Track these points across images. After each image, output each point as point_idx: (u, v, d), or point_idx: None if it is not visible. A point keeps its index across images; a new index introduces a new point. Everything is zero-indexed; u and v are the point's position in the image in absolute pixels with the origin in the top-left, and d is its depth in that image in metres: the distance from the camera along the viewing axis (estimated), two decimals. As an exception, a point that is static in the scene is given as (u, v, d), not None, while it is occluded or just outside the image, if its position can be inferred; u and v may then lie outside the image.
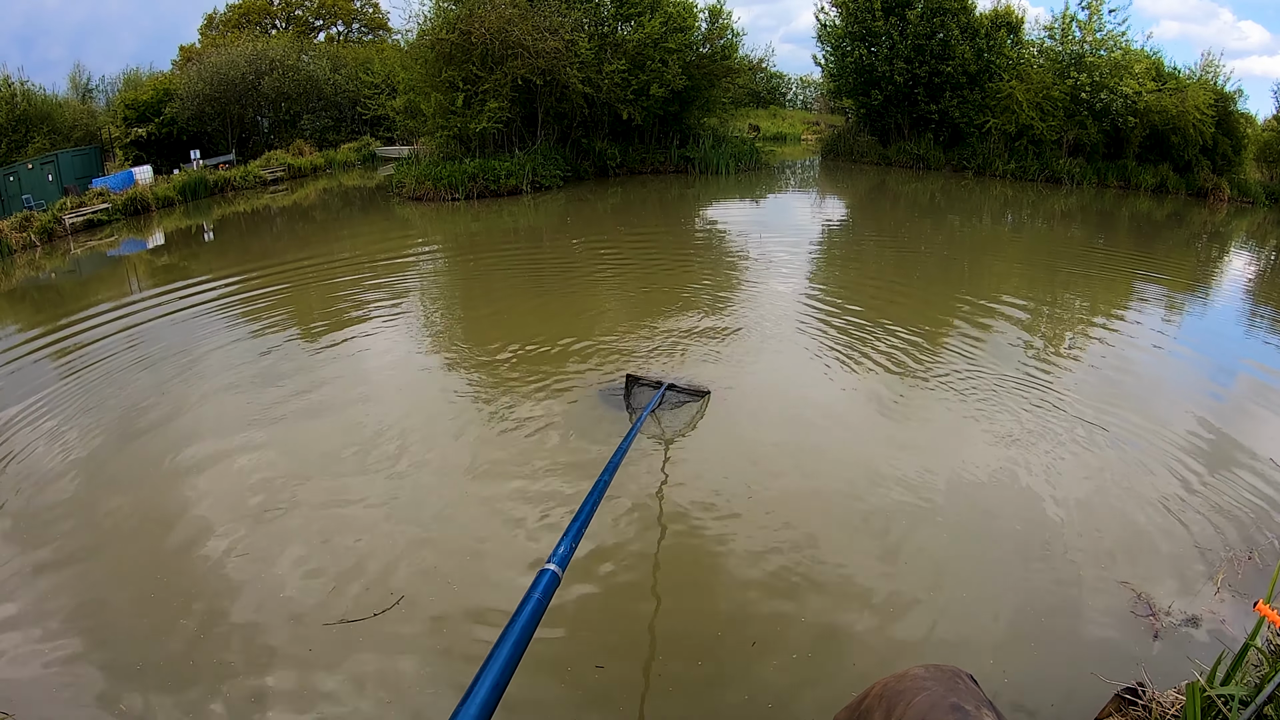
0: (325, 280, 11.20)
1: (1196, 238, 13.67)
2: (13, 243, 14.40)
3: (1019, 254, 12.41)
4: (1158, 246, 12.39)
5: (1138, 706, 2.34)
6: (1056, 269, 11.04)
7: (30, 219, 15.44)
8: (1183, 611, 3.73)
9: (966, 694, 1.33)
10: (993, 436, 5.63)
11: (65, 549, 4.51)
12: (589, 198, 19.07)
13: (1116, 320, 8.38)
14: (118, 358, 7.75)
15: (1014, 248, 12.99)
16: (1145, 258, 11.47)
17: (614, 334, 8.06)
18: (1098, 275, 10.57)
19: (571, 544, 1.85)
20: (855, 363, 7.13)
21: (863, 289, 9.84)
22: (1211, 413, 5.96)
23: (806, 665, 3.49)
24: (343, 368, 7.32)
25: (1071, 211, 16.43)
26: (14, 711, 3.22)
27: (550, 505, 4.83)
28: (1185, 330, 8.11)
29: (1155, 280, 10.26)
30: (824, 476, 5.14)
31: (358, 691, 3.38)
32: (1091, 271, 10.81)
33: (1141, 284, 10.06)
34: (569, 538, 1.90)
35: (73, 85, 28.91)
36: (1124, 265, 11.07)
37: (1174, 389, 6.48)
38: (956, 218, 15.77)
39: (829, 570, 4.13)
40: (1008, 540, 4.37)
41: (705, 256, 12.58)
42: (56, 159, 20.31)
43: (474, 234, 15.24)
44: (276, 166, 24.00)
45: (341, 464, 5.35)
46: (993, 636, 3.62)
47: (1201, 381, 6.65)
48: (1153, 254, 11.74)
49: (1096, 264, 11.22)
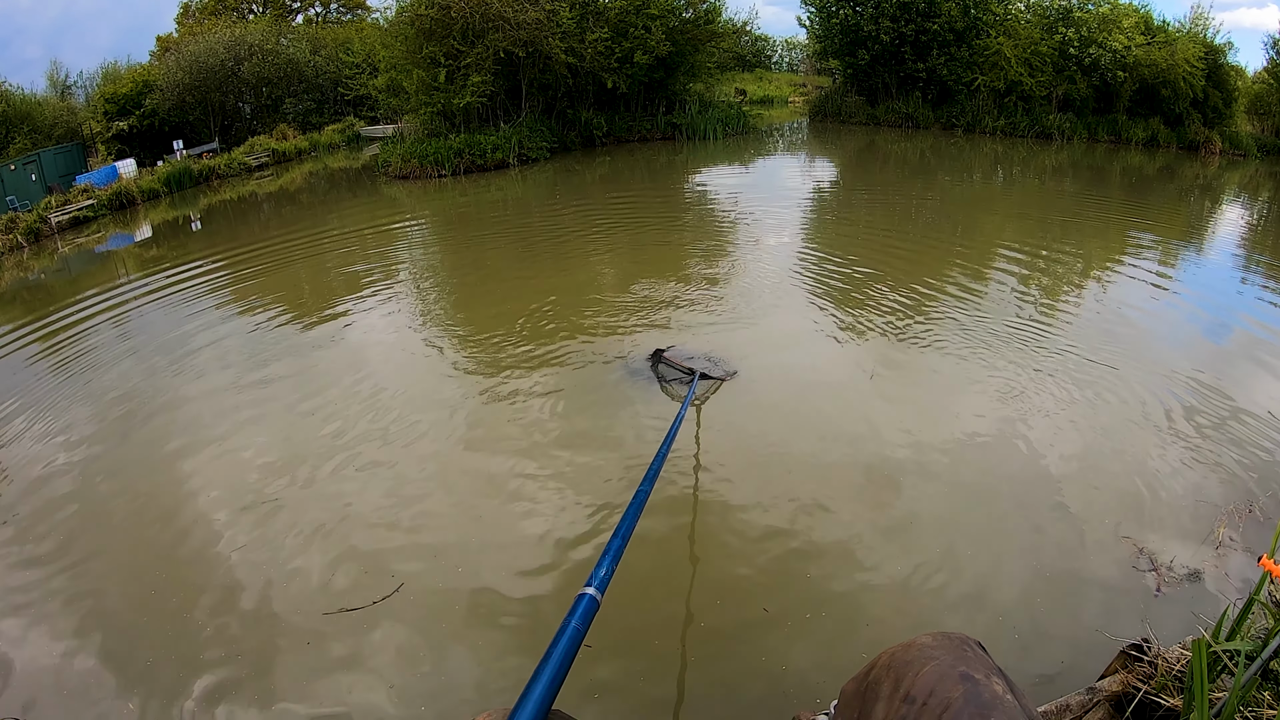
0: (315, 262, 11.11)
1: (1189, 191, 13.64)
2: (-1, 245, 14.16)
3: (1011, 210, 12.36)
4: (1150, 200, 12.35)
5: (1143, 662, 2.31)
6: (1049, 224, 10.99)
7: (15, 220, 15.22)
8: (1184, 566, 3.73)
9: (975, 662, 1.29)
10: (991, 392, 5.61)
11: (66, 546, 4.45)
12: (577, 168, 18.92)
13: (1111, 274, 8.35)
14: (110, 350, 7.70)
15: (1006, 204, 12.95)
16: (1138, 211, 11.43)
17: (607, 303, 8.02)
18: (1091, 229, 10.52)
19: (611, 565, 1.68)
20: (853, 322, 7.11)
21: (856, 248, 9.80)
22: (1207, 366, 5.94)
23: (817, 628, 3.47)
24: (337, 349, 7.25)
25: (1062, 167, 16.36)
26: (24, 715, 3.15)
27: (553, 481, 4.79)
28: (1180, 283, 8.07)
29: (1149, 234, 10.22)
30: (825, 438, 5.10)
31: (358, 683, 3.34)
32: (1085, 226, 10.76)
33: (1135, 238, 10.01)
34: (609, 558, 1.75)
35: (51, 83, 28.63)
36: (1117, 219, 11.03)
37: (1170, 342, 6.45)
38: (947, 175, 15.68)
39: (834, 533, 4.12)
40: (1010, 498, 4.36)
41: (697, 222, 12.52)
42: (39, 158, 20.07)
43: (462, 209, 15.12)
44: (261, 152, 23.67)
45: (338, 448, 5.29)
46: (999, 595, 3.61)
47: (1197, 335, 6.61)
48: (1145, 207, 11.70)
49: (1090, 218, 11.18)
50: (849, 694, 1.52)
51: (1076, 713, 2.35)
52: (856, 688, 1.50)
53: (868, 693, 1.42)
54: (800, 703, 3.03)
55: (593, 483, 4.73)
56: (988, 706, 1.21)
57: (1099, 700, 2.35)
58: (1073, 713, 2.35)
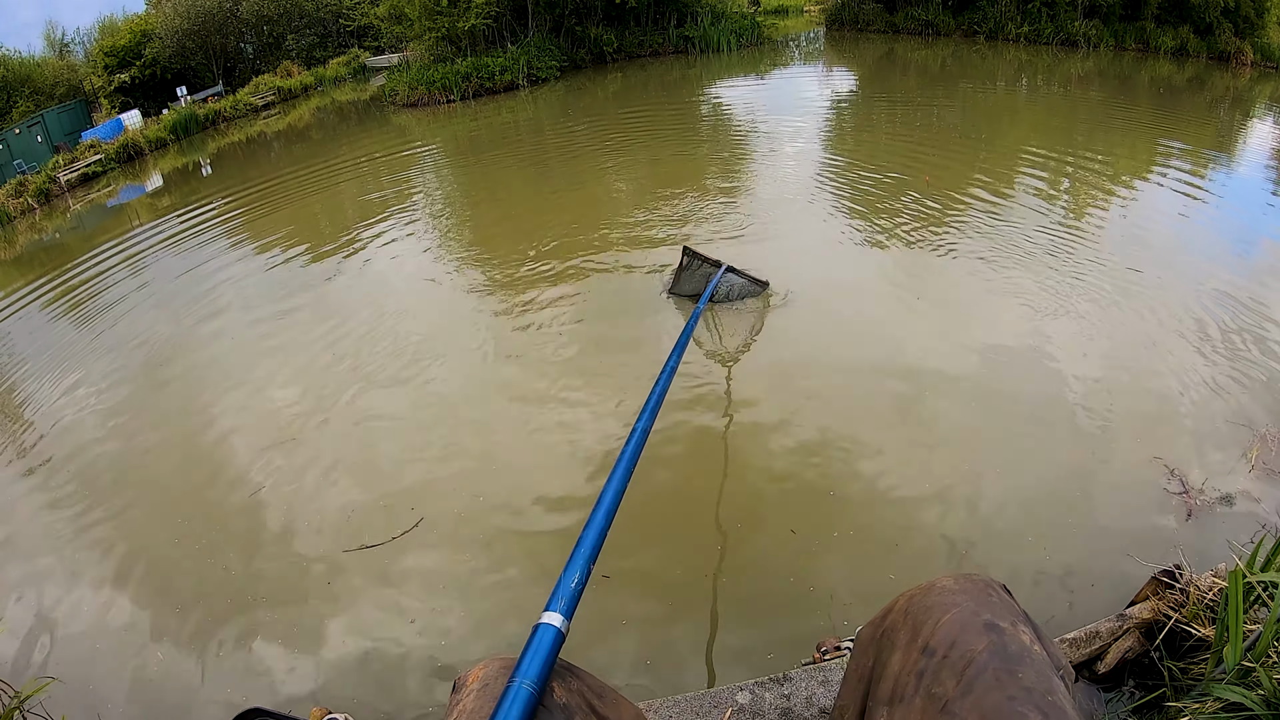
0: (328, 196, 10.85)
1: (1219, 102, 12.83)
2: (11, 210, 14.07)
3: (1036, 118, 11.69)
4: (1179, 110, 11.62)
5: (1175, 589, 2.09)
6: (1075, 133, 10.35)
7: (25, 184, 15.12)
8: (1216, 490, 3.41)
9: (1000, 608, 1.11)
10: (1019, 307, 5.20)
11: (95, 491, 4.40)
12: (588, 86, 18.22)
13: (1139, 187, 7.77)
14: (130, 298, 7.59)
15: (1031, 112, 12.26)
16: (1166, 122, 10.75)
17: (625, 219, 7.64)
18: (1118, 140, 9.88)
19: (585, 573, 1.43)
20: (876, 234, 6.64)
21: (876, 159, 9.26)
22: (1240, 282, 5.46)
23: (843, 550, 3.27)
24: (355, 281, 7.03)
25: (1089, 75, 15.45)
26: (61, 659, 3.12)
27: (576, 402, 4.55)
28: (1210, 195, 7.47)
29: (1178, 144, 9.58)
30: (850, 357, 4.77)
31: (379, 619, 3.20)
32: (1112, 136, 10.11)
33: (1164, 148, 9.38)
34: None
35: (48, 43, 28.44)
36: (1144, 130, 10.35)
37: (1201, 256, 5.95)
38: (970, 84, 14.94)
39: (858, 452, 3.85)
40: (1039, 416, 4.05)
41: (713, 135, 11.96)
42: (43, 119, 19.97)
43: (473, 133, 14.64)
44: (266, 91, 23.15)
45: (358, 381, 5.10)
46: (1026, 515, 3.37)
47: (1229, 249, 6.10)
48: (1174, 118, 10.99)
49: (1116, 129, 10.51)
50: (864, 640, 1.33)
51: (1106, 640, 2.14)
52: (872, 634, 1.31)
53: (883, 639, 1.24)
54: (827, 626, 2.89)
55: (616, 402, 4.50)
56: (1015, 660, 1.02)
57: (1129, 628, 2.15)
58: (1102, 639, 2.14)
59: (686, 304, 5.63)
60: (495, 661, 1.19)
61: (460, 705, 1.11)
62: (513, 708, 1.04)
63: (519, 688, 1.07)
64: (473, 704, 1.10)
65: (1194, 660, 1.94)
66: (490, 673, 1.16)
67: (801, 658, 2.58)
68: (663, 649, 2.91)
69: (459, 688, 1.18)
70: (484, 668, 1.19)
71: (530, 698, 1.07)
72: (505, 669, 1.15)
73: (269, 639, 3.18)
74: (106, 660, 3.20)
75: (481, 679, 1.15)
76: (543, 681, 1.10)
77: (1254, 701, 1.56)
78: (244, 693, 2.95)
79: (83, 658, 3.22)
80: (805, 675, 2.18)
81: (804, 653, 2.66)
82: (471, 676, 1.18)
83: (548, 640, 1.15)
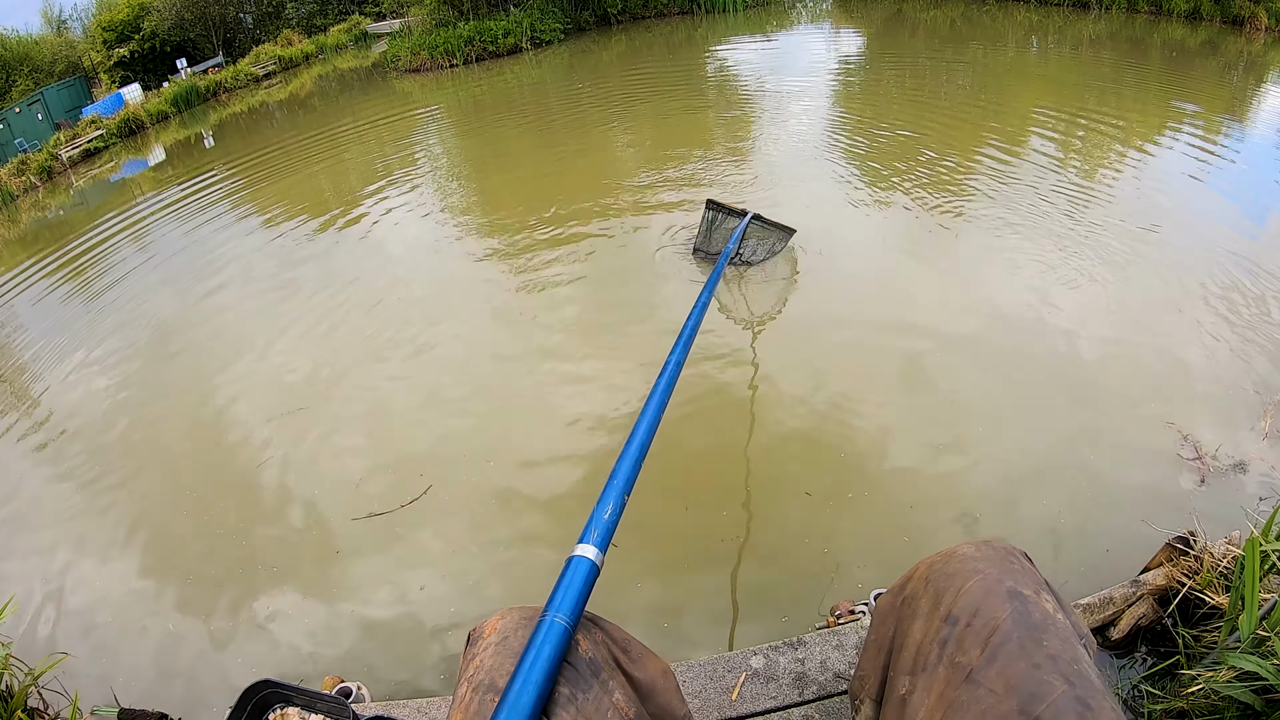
0: (331, 164, 10.77)
1: (1232, 66, 12.50)
2: (13, 188, 14.05)
3: (1048, 80, 11.46)
4: (1192, 74, 11.33)
5: (1189, 556, 2.06)
6: (1086, 95, 10.11)
7: (27, 162, 15.08)
8: (1230, 456, 3.34)
9: (1023, 576, 1.11)
10: (1032, 267, 5.11)
11: (105, 463, 4.44)
12: (593, 48, 17.95)
13: (1152, 149, 7.57)
14: (136, 271, 7.62)
15: (1042, 73, 12.02)
16: (1179, 86, 10.47)
17: (633, 181, 7.54)
18: (1130, 102, 9.64)
19: (619, 504, 1.37)
20: (887, 193, 6.51)
21: (885, 120, 9.05)
22: (1254, 249, 5.31)
23: (858, 512, 3.25)
24: (361, 249, 7.01)
25: (1100, 37, 15.04)
26: (72, 649, 3.13)
27: (586, 364, 4.53)
28: (1223, 160, 7.27)
29: (1190, 108, 9.33)
30: (858, 319, 4.71)
31: (387, 586, 3.21)
32: (1124, 99, 9.85)
33: (1176, 112, 9.14)
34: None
35: (46, 20, 28.29)
36: (1156, 93, 10.11)
37: (1214, 220, 5.79)
38: (980, 45, 14.65)
39: (872, 417, 3.81)
40: (1051, 379, 4.00)
41: (720, 96, 11.74)
42: (43, 96, 19.90)
43: (477, 97, 14.48)
44: (267, 61, 22.87)
45: (365, 349, 5.09)
46: (1039, 479, 3.33)
47: (1242, 216, 5.94)
48: (1186, 82, 10.71)
49: (1128, 92, 10.28)
50: (884, 609, 1.31)
51: (1120, 606, 2.11)
52: (892, 602, 1.28)
53: (904, 608, 1.21)
54: (843, 589, 2.87)
55: (626, 364, 4.48)
56: (1038, 628, 0.99)
57: (1143, 594, 2.11)
58: (1116, 606, 2.11)
59: (705, 265, 5.56)
60: (514, 612, 1.15)
61: (477, 661, 1.07)
62: (545, 644, 1.01)
63: (552, 622, 1.04)
64: (491, 659, 1.06)
65: (1207, 628, 1.92)
66: (509, 624, 1.12)
67: (815, 622, 2.57)
68: (675, 613, 2.91)
69: (474, 640, 1.13)
70: (502, 618, 1.14)
71: (565, 632, 1.04)
72: (525, 620, 1.11)
73: (279, 607, 3.20)
74: (118, 633, 3.22)
75: (500, 631, 1.11)
76: (577, 615, 1.07)
77: (1269, 671, 1.54)
78: (256, 660, 2.98)
79: (95, 631, 3.25)
80: (819, 639, 2.19)
81: (818, 616, 2.67)
82: (488, 628, 1.14)
83: (581, 573, 1.12)
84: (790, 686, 2.05)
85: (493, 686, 1.00)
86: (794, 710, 2.00)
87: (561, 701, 0.99)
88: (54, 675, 2.61)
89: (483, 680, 1.02)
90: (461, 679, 1.06)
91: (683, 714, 1.27)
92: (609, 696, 1.05)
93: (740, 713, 2.01)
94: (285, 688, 2.03)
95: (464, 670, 1.08)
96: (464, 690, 1.03)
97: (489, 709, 0.97)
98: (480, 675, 1.03)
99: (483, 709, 0.97)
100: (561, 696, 1.00)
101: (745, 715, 2.01)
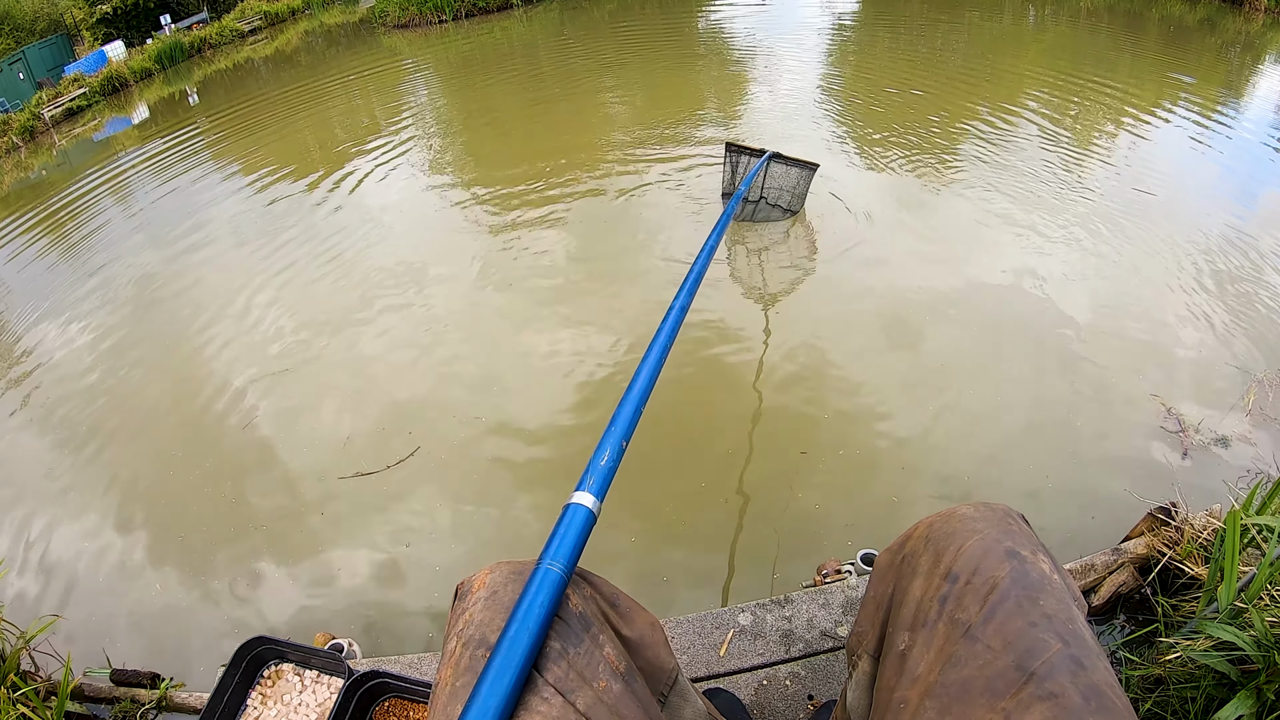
0: (318, 122, 10.63)
1: (1230, 45, 12.37)
2: (-5, 148, 13.86)
3: (1043, 50, 11.29)
4: (1189, 51, 11.21)
5: (1170, 527, 2.08)
6: (1082, 68, 9.95)
7: (8, 122, 14.86)
8: (1212, 430, 3.37)
9: (1021, 537, 1.12)
10: (1017, 237, 5.11)
11: (88, 425, 4.43)
12: (584, 5, 17.62)
13: (1145, 124, 7.50)
14: (119, 230, 7.57)
15: (1037, 44, 11.85)
16: (1176, 62, 10.35)
17: (625, 140, 7.48)
18: (1125, 77, 9.52)
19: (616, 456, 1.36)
20: (874, 165, 6.45)
21: (878, 88, 8.91)
22: (1245, 228, 5.30)
23: (844, 477, 3.28)
24: (348, 209, 6.92)
25: (1097, 10, 14.79)
26: (62, 611, 3.15)
27: (578, 320, 4.53)
28: (1215, 143, 7.17)
29: (1185, 86, 9.20)
30: (843, 290, 4.70)
31: (373, 548, 3.23)
32: (1119, 73, 9.72)
33: (1171, 88, 9.01)
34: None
35: (25, -23, 27.54)
36: (1152, 70, 9.99)
37: (1205, 198, 5.75)
38: (975, 13, 14.47)
39: (861, 381, 3.85)
40: (1036, 349, 4.01)
41: (712, 56, 11.62)
42: (24, 55, 19.49)
43: (466, 54, 14.25)
44: (252, 16, 22.44)
45: (353, 309, 5.06)
46: (1023, 446, 3.37)
47: (1235, 195, 5.92)
48: (1184, 59, 10.59)
49: (1123, 67, 10.16)
50: (883, 566, 1.32)
51: (1101, 573, 2.14)
52: (890, 560, 1.30)
53: (903, 566, 1.22)
54: (831, 547, 2.92)
55: (621, 318, 4.50)
56: (1035, 587, 1.01)
57: (1124, 562, 2.13)
58: (1097, 572, 2.14)
59: (687, 224, 5.53)
60: (503, 566, 1.13)
61: (466, 615, 1.05)
62: (540, 591, 1.01)
63: (547, 570, 1.04)
64: (481, 614, 1.05)
65: (1185, 598, 1.94)
66: (499, 579, 1.10)
67: (803, 580, 2.60)
68: (663, 570, 2.95)
69: (463, 595, 1.11)
70: (490, 572, 1.13)
71: (559, 580, 1.04)
72: (515, 574, 1.10)
73: (269, 566, 3.23)
74: (108, 593, 3.25)
75: (489, 585, 1.09)
76: (573, 564, 1.07)
77: (1245, 641, 1.56)
78: (247, 618, 3.01)
79: (85, 592, 3.27)
80: (806, 598, 2.22)
81: (805, 575, 2.70)
82: (477, 582, 1.12)
83: (578, 521, 1.11)
84: (777, 643, 2.08)
85: (484, 641, 1.00)
86: (780, 667, 2.03)
87: (553, 656, 0.99)
88: (44, 638, 2.63)
89: (473, 635, 1.00)
90: (450, 634, 1.04)
91: (671, 667, 1.28)
92: (600, 650, 1.06)
93: (728, 668, 2.05)
94: (280, 644, 2.05)
95: (452, 625, 1.06)
96: (453, 645, 1.01)
97: (479, 664, 0.96)
98: (470, 630, 1.02)
99: (474, 664, 0.97)
100: (553, 650, 1.00)
101: (733, 671, 2.04)
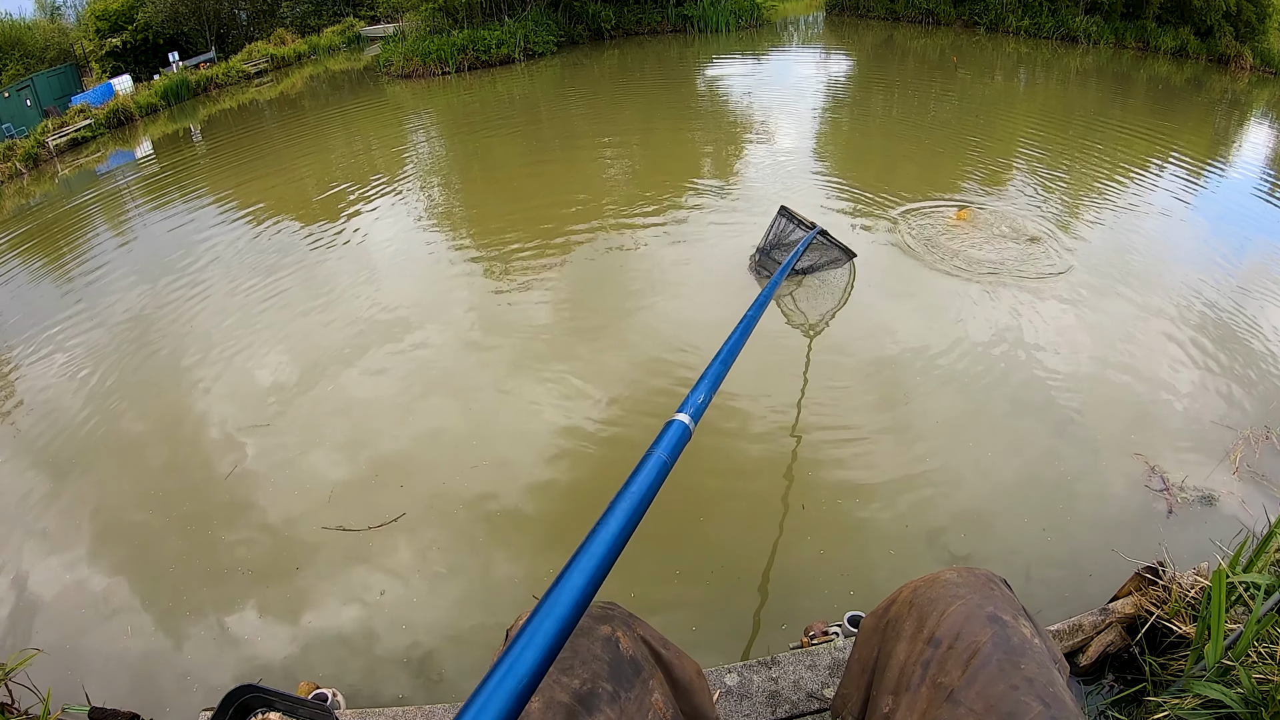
0: (318, 166, 10.74)
1: (1216, 104, 12.87)
2: (-1, 173, 13.88)
3: (1033, 111, 11.72)
4: (1176, 110, 11.67)
5: (1157, 586, 2.13)
6: (1071, 128, 10.35)
7: (13, 148, 14.86)
8: (1197, 489, 3.47)
9: (1003, 602, 1.16)
10: (1002, 297, 5.25)
11: (72, 463, 4.39)
12: (585, 62, 18.02)
13: (1130, 185, 7.78)
14: (115, 266, 7.54)
15: (1028, 105, 12.29)
16: (1164, 122, 10.77)
17: (619, 198, 7.65)
18: (1114, 136, 9.87)
19: (709, 392, 1.61)
20: (868, 228, 6.62)
21: (872, 150, 9.29)
22: (1226, 286, 5.50)
23: (835, 531, 3.34)
24: (344, 255, 6.97)
25: (1087, 71, 15.42)
26: (42, 645, 3.10)
27: (568, 379, 4.56)
28: (1200, 199, 7.46)
29: (1173, 146, 9.56)
30: (834, 350, 4.79)
31: (352, 609, 3.19)
32: (1108, 132, 10.10)
33: (1159, 149, 9.36)
34: (707, 383, 1.63)
35: (39, 6, 27.87)
36: (1140, 128, 10.37)
37: (1190, 258, 5.97)
38: (968, 74, 14.93)
39: (846, 441, 3.90)
40: (1021, 409, 4.10)
41: (709, 115, 11.93)
42: (32, 82, 19.66)
43: (468, 106, 14.50)
44: (259, 59, 22.78)
45: (346, 357, 5.07)
46: (1010, 507, 3.42)
47: (1216, 253, 6.12)
48: (1171, 118, 11.05)
49: (1112, 126, 10.53)
50: (868, 629, 1.35)
51: (1089, 633, 2.16)
52: (875, 624, 1.33)
53: (888, 630, 1.26)
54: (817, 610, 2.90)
55: (609, 379, 4.52)
56: (1017, 651, 1.04)
57: (1111, 622, 2.16)
58: (1085, 633, 2.17)
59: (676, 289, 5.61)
60: None
61: None
62: (648, 476, 1.17)
63: (656, 457, 1.23)
64: None
65: (1174, 656, 1.97)
66: None
67: (789, 641, 2.59)
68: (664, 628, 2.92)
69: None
70: None
71: (664, 465, 1.23)
72: None
73: (250, 611, 3.19)
74: (91, 631, 3.20)
75: None
76: (674, 458, 1.28)
77: (1233, 699, 1.58)
78: (227, 662, 2.96)
79: (67, 629, 3.22)
80: (793, 659, 2.21)
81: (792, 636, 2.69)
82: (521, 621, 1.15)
83: (678, 431, 1.34)
84: (764, 704, 2.07)
85: None
86: (767, 728, 2.01)
87: (605, 698, 1.02)
88: (24, 672, 2.59)
89: None
90: None
91: (714, 717, 1.31)
92: (649, 696, 1.09)
93: (715, 729, 2.03)
94: (267, 692, 2.03)
95: None
96: None
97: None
98: None
99: None
100: (605, 693, 1.02)
101: (720, 731, 2.02)
